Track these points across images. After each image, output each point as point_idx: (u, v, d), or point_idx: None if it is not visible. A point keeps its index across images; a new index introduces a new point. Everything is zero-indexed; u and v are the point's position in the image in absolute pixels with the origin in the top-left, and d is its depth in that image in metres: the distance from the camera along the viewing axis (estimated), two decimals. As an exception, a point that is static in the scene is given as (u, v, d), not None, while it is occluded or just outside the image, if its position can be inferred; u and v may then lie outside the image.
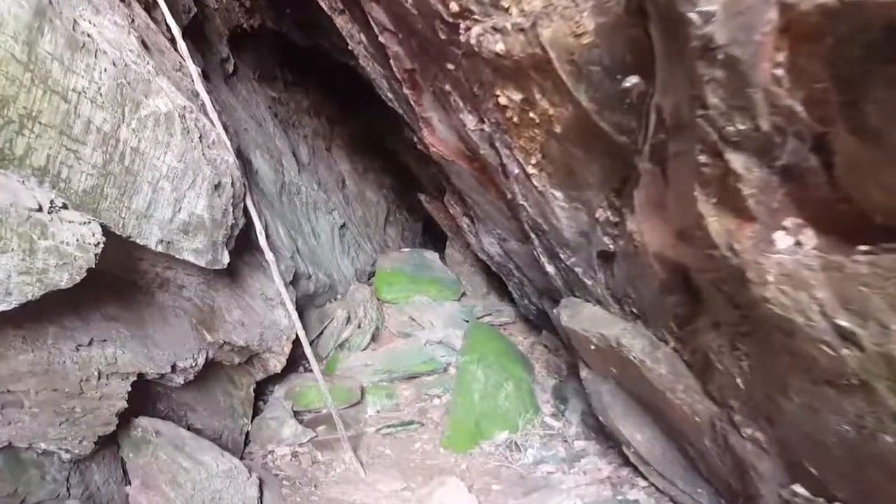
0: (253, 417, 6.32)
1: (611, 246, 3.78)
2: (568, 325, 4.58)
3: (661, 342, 3.68)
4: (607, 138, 3.04)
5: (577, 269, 4.38)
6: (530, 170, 3.79)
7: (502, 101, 3.41)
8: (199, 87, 4.85)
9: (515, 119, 3.48)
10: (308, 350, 5.43)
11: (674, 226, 2.92)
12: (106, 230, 3.52)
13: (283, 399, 6.70)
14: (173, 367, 4.63)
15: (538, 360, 8.01)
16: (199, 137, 4.19)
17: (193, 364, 4.89)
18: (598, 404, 4.82)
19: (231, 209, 4.66)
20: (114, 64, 3.40)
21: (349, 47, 6.14)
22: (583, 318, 4.48)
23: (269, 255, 5.19)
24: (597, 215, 3.68)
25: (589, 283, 4.37)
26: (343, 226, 10.66)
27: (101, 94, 3.31)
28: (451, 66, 3.79)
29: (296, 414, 6.58)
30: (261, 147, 8.19)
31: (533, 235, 4.86)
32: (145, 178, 3.72)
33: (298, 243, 8.47)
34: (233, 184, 4.65)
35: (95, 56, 3.26)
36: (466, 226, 7.56)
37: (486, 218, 6.30)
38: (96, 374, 3.76)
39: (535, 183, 3.86)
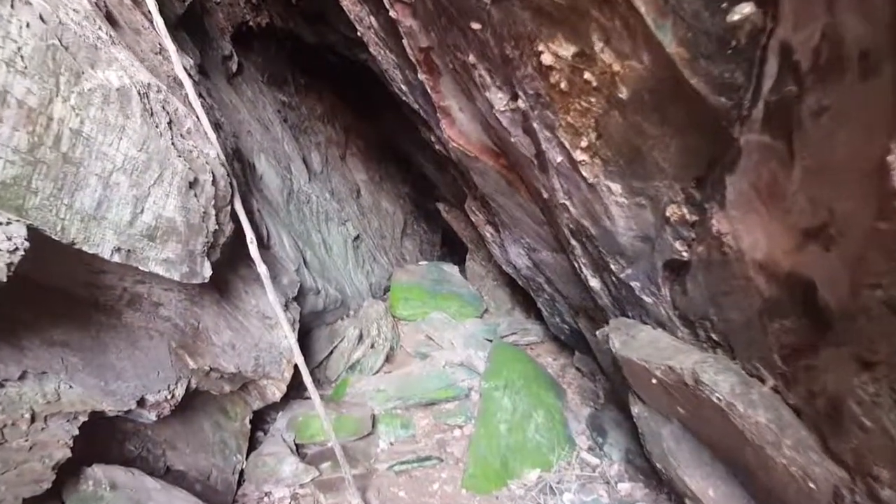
0: (249, 452, 5.44)
1: (684, 253, 2.86)
2: (621, 352, 3.65)
3: (755, 379, 2.74)
4: (697, 101, 2.13)
5: (634, 284, 3.46)
6: (578, 156, 2.89)
7: (546, 59, 2.52)
8: (179, 69, 4.03)
9: (563, 85, 2.59)
10: (307, 379, 4.55)
11: (800, 222, 2.00)
12: (38, 234, 2.70)
13: (284, 430, 5.82)
14: (141, 402, 3.78)
15: (570, 385, 7.05)
16: (169, 123, 3.36)
17: (169, 396, 4.04)
18: (656, 449, 3.87)
19: (213, 212, 3.82)
20: (42, 19, 2.57)
21: (358, 33, 5.30)
22: (640, 344, 3.55)
23: (261, 268, 4.33)
24: (667, 213, 2.77)
25: (649, 301, 3.44)
26: (357, 237, 9.82)
27: (21, 57, 2.48)
28: (476, 26, 2.91)
29: (298, 447, 5.70)
30: (266, 151, 7.39)
31: (574, 243, 3.95)
32: (92, 169, 2.88)
33: (307, 255, 7.63)
34: (215, 182, 3.81)
35: (12, 5, 2.44)
36: (490, 235, 6.66)
37: (513, 225, 5.41)
38: (27, 415, 2.91)
39: (585, 174, 2.95)
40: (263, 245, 6.11)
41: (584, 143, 2.81)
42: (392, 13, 4.01)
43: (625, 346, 3.67)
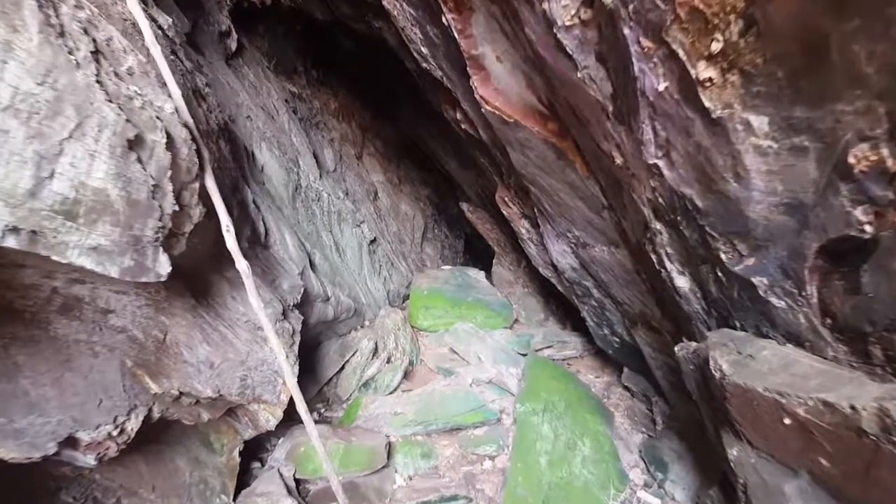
0: (240, 490, 4.36)
1: (867, 227, 1.74)
2: (733, 379, 2.51)
3: None
4: None
5: (757, 280, 2.34)
6: (702, 72, 1.79)
7: None
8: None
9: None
10: (301, 407, 3.46)
11: None
12: None
13: (283, 461, 4.73)
14: (71, 442, 2.73)
15: (618, 408, 5.89)
16: (95, 55, 2.33)
17: (116, 432, 2.98)
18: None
19: (170, 188, 2.77)
20: None
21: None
22: (766, 368, 2.41)
23: (240, 263, 3.26)
24: (850, 158, 1.66)
25: (779, 304, 2.32)
26: (373, 241, 8.77)
27: None
28: None
29: (299, 484, 4.60)
30: (269, 141, 6.38)
31: (658, 226, 2.83)
32: (-44, 102, 1.85)
33: (315, 258, 6.59)
34: (172, 147, 2.77)
35: None
36: (525, 231, 5.55)
37: (558, 214, 4.30)
38: None
39: (708, 102, 1.85)
40: (261, 243, 5.07)
41: (715, 48, 1.71)
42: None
43: (739, 369, 2.53)
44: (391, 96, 9.72)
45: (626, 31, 1.90)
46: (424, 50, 4.45)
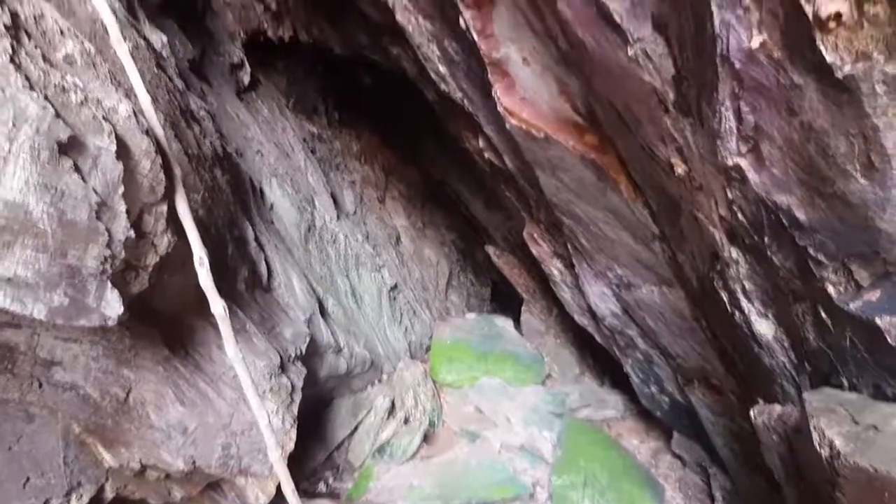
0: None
1: None
2: (854, 459, 1.82)
3: None
4: None
5: (886, 321, 1.68)
6: (830, 6, 1.20)
7: None
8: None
9: None
10: (287, 486, 2.82)
11: None
12: None
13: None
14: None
15: (668, 479, 5.08)
16: (11, 30, 1.86)
17: (48, 518, 2.39)
18: None
19: (122, 208, 2.25)
20: None
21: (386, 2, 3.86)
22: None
23: (215, 305, 2.70)
24: None
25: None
26: (394, 287, 8.20)
27: None
28: None
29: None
30: (281, 178, 5.95)
31: (734, 254, 2.19)
32: None
33: (328, 304, 6.04)
34: (126, 158, 2.26)
35: None
36: (558, 273, 4.92)
37: (597, 250, 3.68)
38: None
39: (832, 55, 1.26)
40: (261, 285, 4.54)
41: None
42: None
43: (860, 446, 1.83)
44: (414, 137, 9.35)
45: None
46: (442, 69, 3.97)
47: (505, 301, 11.12)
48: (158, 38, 3.79)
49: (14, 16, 1.88)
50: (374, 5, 4.67)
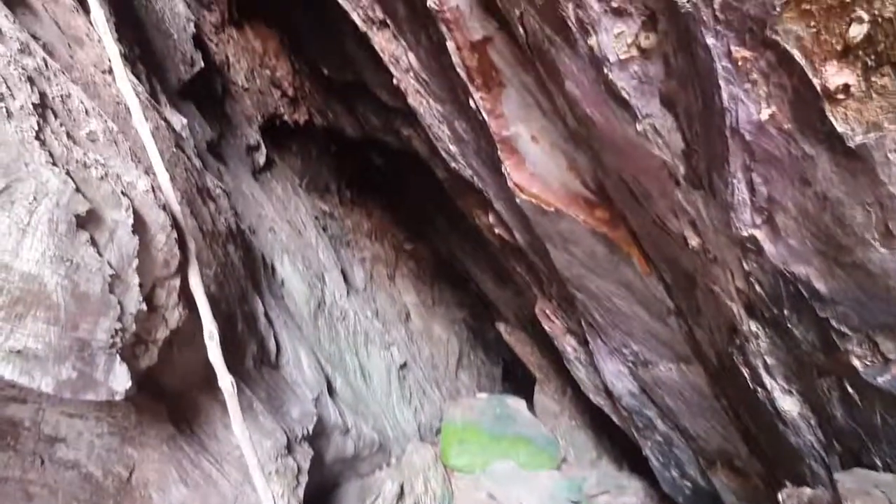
0: None
1: None
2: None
3: None
4: None
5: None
6: (837, 78, 1.23)
7: None
8: (117, 64, 2.68)
9: None
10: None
11: None
12: None
13: None
14: None
15: (695, 571, 4.77)
16: (38, 108, 1.94)
17: None
18: None
19: (135, 281, 2.26)
20: None
21: (395, 81, 4.02)
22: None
23: (223, 380, 2.66)
24: None
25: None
26: (404, 365, 8.09)
27: None
28: None
29: None
30: (292, 254, 6.01)
31: (753, 328, 2.14)
32: None
33: (336, 382, 5.94)
34: (142, 231, 2.30)
35: None
36: (572, 350, 4.84)
37: (612, 325, 3.63)
38: None
39: (843, 126, 1.28)
40: (269, 362, 4.49)
41: (855, 34, 1.16)
42: (432, 1, 2.65)
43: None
44: (425, 216, 9.49)
45: (711, 41, 1.39)
46: (453, 148, 4.08)
47: (517, 381, 10.91)
48: (178, 120, 3.94)
49: (42, 95, 1.97)
50: (386, 90, 4.87)
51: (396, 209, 10.28)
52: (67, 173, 1.95)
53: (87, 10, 3.02)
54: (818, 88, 1.25)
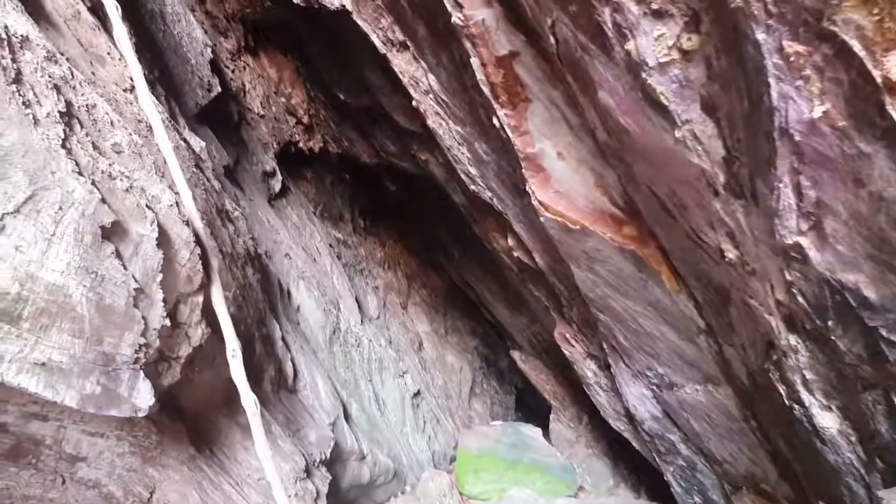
0: None
1: None
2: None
3: None
4: None
5: None
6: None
7: None
8: (138, 77, 2.67)
9: None
10: None
11: None
12: None
13: None
14: None
15: None
16: (64, 116, 1.91)
17: None
18: None
19: (160, 296, 2.21)
20: None
21: (414, 103, 4.01)
22: None
23: (247, 399, 2.57)
24: None
25: None
26: (417, 394, 7.95)
27: None
28: None
29: None
30: (308, 280, 5.96)
31: (794, 341, 2.06)
32: None
33: (351, 408, 5.84)
34: (166, 245, 2.26)
35: None
36: (592, 375, 4.73)
37: (637, 348, 3.54)
38: None
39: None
40: (287, 386, 4.41)
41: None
42: (457, 17, 2.65)
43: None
44: (438, 243, 9.44)
45: (761, 36, 1.34)
46: (472, 170, 4.05)
47: (530, 410, 10.71)
48: (197, 143, 3.93)
49: (68, 104, 1.95)
50: (404, 113, 4.87)
51: (409, 238, 10.25)
52: (93, 183, 1.92)
53: (108, 31, 3.05)
54: (878, 81, 1.20)
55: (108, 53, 2.85)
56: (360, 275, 8.36)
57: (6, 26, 1.73)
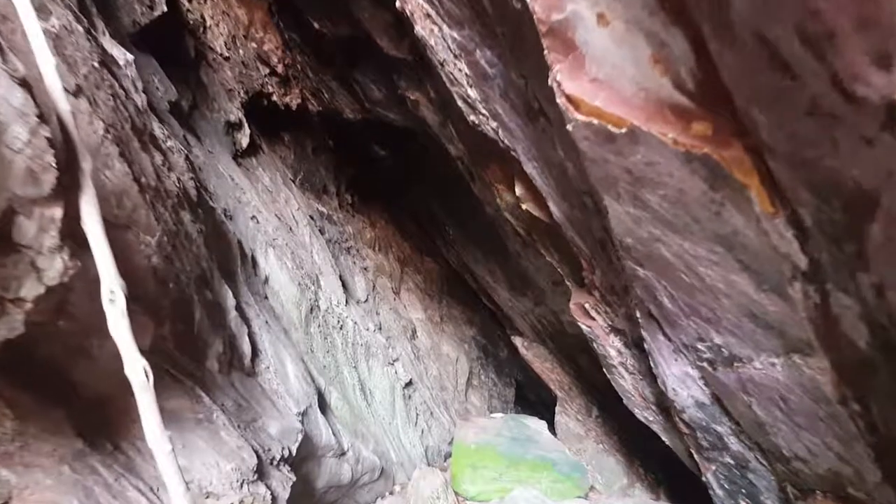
0: None
1: None
2: None
3: None
4: None
5: None
6: None
7: None
8: None
9: None
10: None
11: None
12: None
13: None
14: None
15: None
16: None
17: None
18: None
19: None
20: None
21: (398, 4, 3.11)
22: None
23: (132, 365, 1.65)
24: None
25: None
26: (409, 384, 7.05)
27: None
28: None
29: None
30: (280, 249, 5.04)
31: None
32: None
33: (331, 397, 4.92)
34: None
35: None
36: (616, 354, 3.81)
37: (688, 311, 2.63)
38: None
39: None
40: (242, 366, 3.49)
41: None
42: None
43: None
44: (434, 225, 8.54)
45: None
46: (472, 93, 3.14)
47: (530, 404, 9.84)
48: (121, 54, 3.01)
49: None
50: (388, 34, 3.95)
51: (402, 221, 9.38)
52: None
53: None
54: None
55: None
56: (346, 253, 7.45)
57: None
